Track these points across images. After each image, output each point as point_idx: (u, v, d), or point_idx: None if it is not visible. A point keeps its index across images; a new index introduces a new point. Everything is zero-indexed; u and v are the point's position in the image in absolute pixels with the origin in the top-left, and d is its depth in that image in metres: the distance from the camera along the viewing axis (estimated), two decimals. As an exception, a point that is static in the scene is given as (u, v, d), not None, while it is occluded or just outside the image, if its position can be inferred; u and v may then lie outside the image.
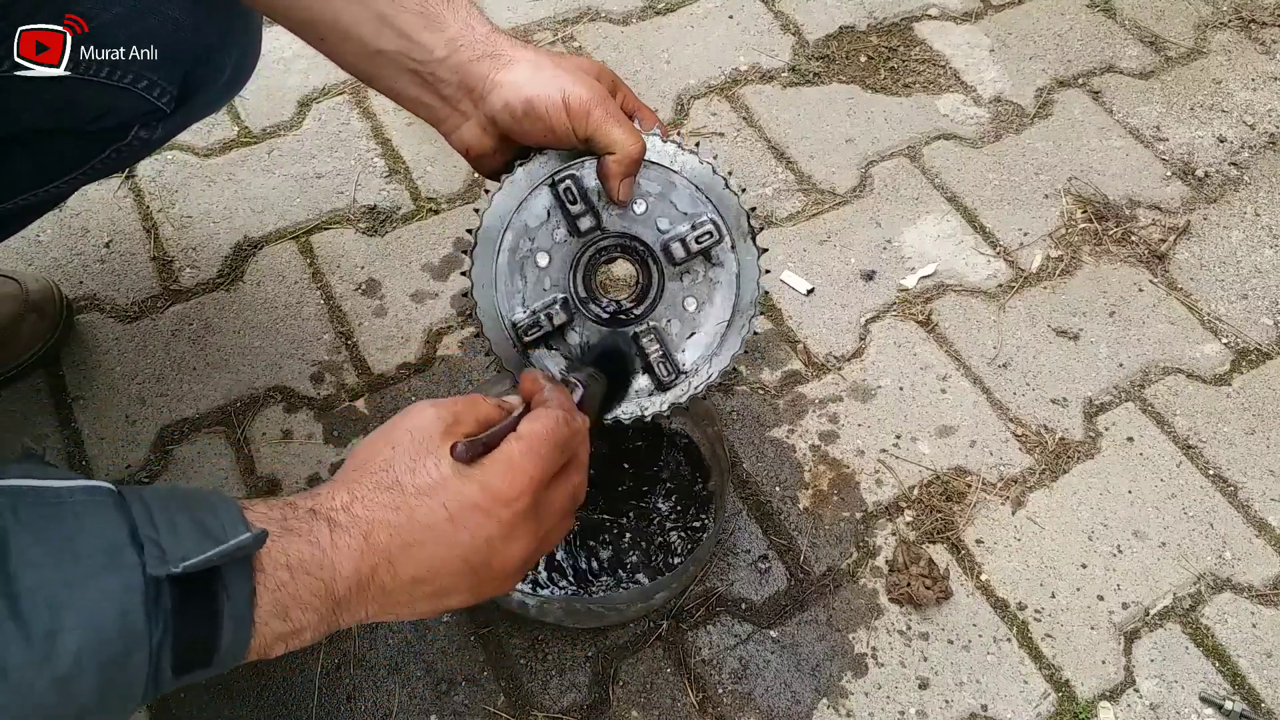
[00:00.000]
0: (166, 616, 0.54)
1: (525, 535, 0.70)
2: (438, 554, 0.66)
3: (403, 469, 0.67)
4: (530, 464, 0.69)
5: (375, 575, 0.64)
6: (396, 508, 0.65)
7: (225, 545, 0.55)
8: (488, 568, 0.68)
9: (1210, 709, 1.09)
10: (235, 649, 0.58)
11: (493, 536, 0.67)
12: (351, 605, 0.64)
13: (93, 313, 1.37)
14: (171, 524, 0.55)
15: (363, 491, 0.65)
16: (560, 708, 1.07)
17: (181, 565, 0.53)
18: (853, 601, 1.15)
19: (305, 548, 0.61)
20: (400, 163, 1.55)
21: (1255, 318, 1.42)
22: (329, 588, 0.62)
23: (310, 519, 0.63)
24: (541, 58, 0.84)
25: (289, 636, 0.61)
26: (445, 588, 0.68)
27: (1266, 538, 1.22)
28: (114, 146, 1.02)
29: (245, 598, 0.57)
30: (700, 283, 0.93)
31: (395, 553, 0.64)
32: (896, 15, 1.78)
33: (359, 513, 0.64)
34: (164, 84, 0.97)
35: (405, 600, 0.67)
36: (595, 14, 1.76)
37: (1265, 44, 1.77)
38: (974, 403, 1.32)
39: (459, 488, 0.66)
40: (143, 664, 0.53)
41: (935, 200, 1.53)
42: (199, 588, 0.55)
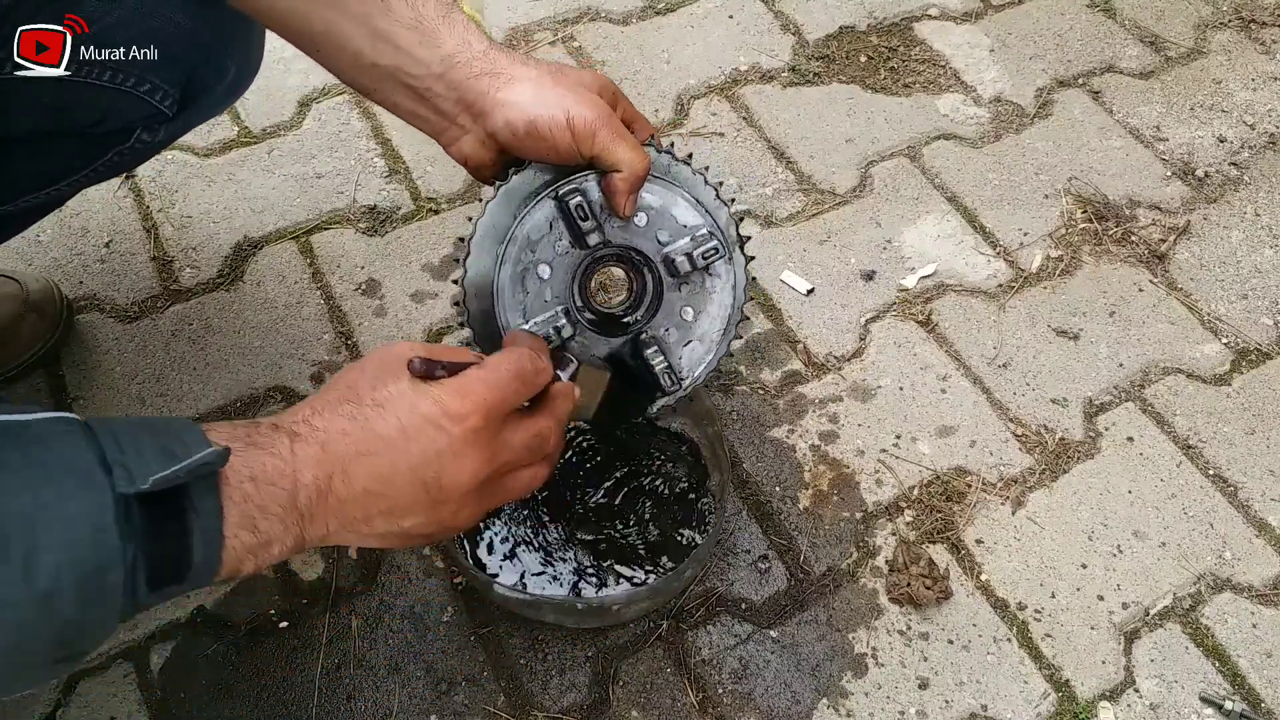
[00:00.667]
0: (138, 533, 0.56)
1: (475, 455, 0.70)
2: (388, 464, 0.68)
3: (364, 386, 0.70)
4: (484, 387, 0.71)
5: (332, 484, 0.66)
6: (353, 417, 0.68)
7: (188, 461, 0.57)
8: (438, 485, 0.70)
9: (1210, 709, 1.09)
10: (207, 563, 0.60)
11: (442, 451, 0.69)
12: (314, 517, 0.66)
13: (93, 313, 1.37)
14: (137, 448, 0.57)
15: (323, 405, 0.68)
16: (560, 708, 1.07)
17: (150, 481, 0.55)
18: (853, 601, 1.15)
19: (268, 459, 0.63)
20: (400, 163, 1.55)
21: (1255, 318, 1.42)
22: (291, 497, 0.64)
23: (272, 433, 0.65)
24: (543, 76, 0.84)
25: (258, 550, 0.63)
26: (399, 505, 0.69)
27: (1266, 538, 1.22)
28: (116, 149, 1.03)
29: (213, 513, 0.59)
30: (698, 293, 0.96)
31: (349, 460, 0.67)
32: (896, 15, 1.78)
33: (318, 424, 0.67)
34: (166, 87, 0.97)
35: (362, 515, 0.69)
36: (595, 14, 1.76)
37: (1265, 44, 1.77)
38: (974, 403, 1.32)
39: (413, 401, 0.69)
40: (119, 579, 0.55)
41: (935, 200, 1.53)
42: (167, 506, 0.57)
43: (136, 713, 1.06)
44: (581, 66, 1.69)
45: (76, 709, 1.06)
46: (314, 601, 1.14)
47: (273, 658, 1.10)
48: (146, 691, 1.07)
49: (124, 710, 1.06)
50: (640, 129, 0.92)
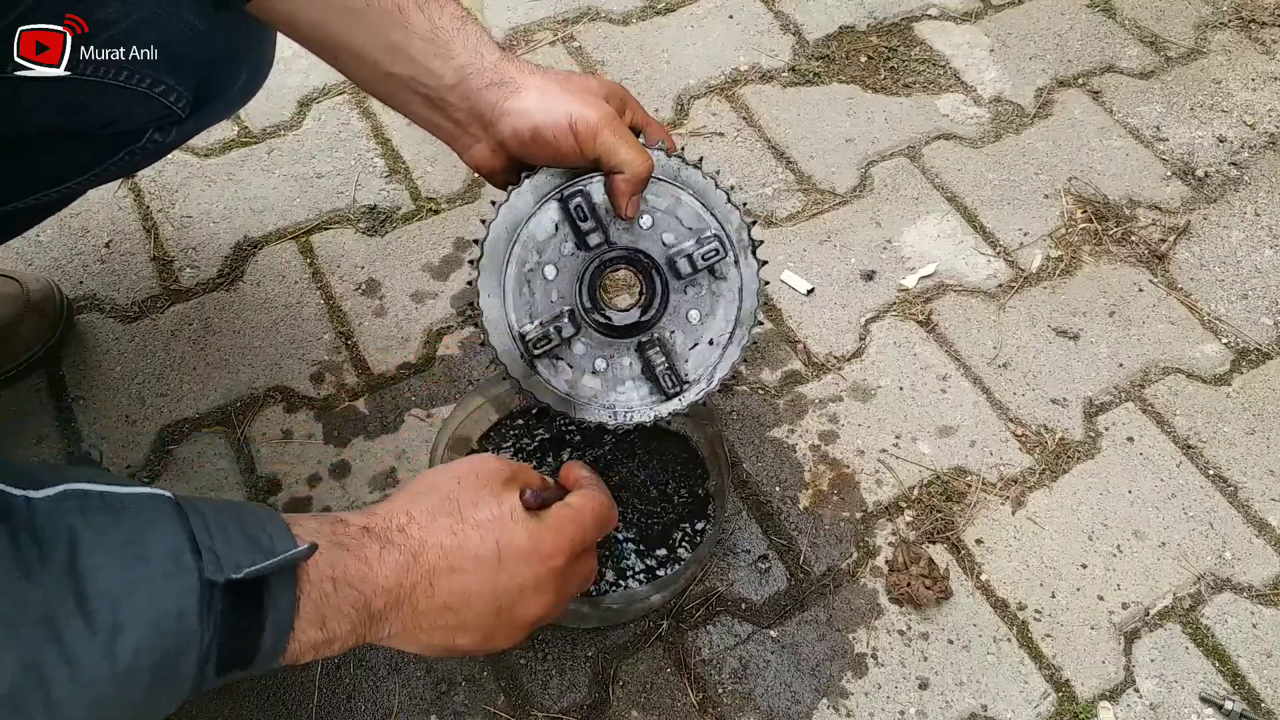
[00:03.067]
0: (217, 620, 0.57)
1: (549, 593, 0.75)
2: (475, 586, 0.70)
3: (466, 500, 0.72)
4: (574, 530, 0.76)
5: (413, 593, 0.67)
6: (454, 532, 0.70)
7: (280, 556, 0.58)
8: (509, 614, 0.73)
9: (1210, 709, 1.09)
10: (273, 653, 0.61)
11: (526, 585, 0.72)
12: (384, 620, 0.67)
13: (93, 313, 1.37)
14: (225, 534, 0.58)
15: (421, 514, 0.70)
16: (560, 708, 1.07)
17: (243, 572, 0.56)
18: (853, 601, 1.15)
19: (352, 563, 0.64)
20: (400, 163, 1.55)
21: (1255, 318, 1.42)
22: (368, 601, 0.65)
23: (362, 536, 0.66)
24: (549, 83, 0.85)
25: (321, 645, 0.64)
26: (467, 623, 0.71)
27: (1266, 538, 1.22)
28: (127, 149, 1.03)
29: (288, 607, 0.60)
30: (704, 295, 0.95)
31: (439, 573, 0.68)
32: (896, 15, 1.78)
33: (414, 533, 0.68)
34: (179, 89, 0.98)
35: (428, 626, 0.70)
36: (595, 14, 1.76)
37: (1265, 44, 1.77)
38: (974, 403, 1.32)
39: (514, 529, 0.72)
40: (192, 663, 0.56)
41: (935, 200, 1.53)
42: (247, 595, 0.58)
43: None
44: (582, 67, 1.69)
45: (76, 709, 1.06)
46: (314, 601, 1.14)
47: (273, 658, 1.10)
48: (146, 691, 1.07)
49: (124, 710, 1.06)
50: (652, 134, 0.93)
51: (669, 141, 0.93)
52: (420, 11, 0.83)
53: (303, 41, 0.88)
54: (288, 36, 0.89)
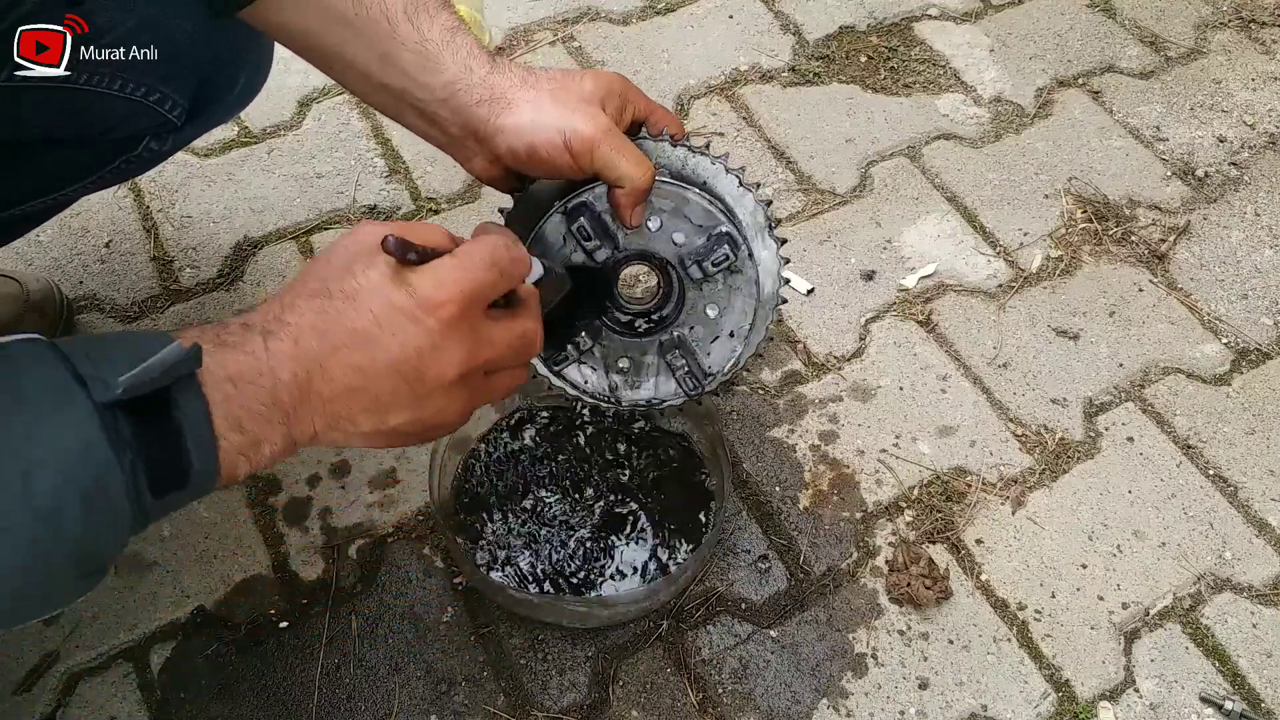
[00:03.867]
0: (129, 441, 0.56)
1: (455, 348, 0.68)
2: (366, 359, 0.66)
3: (333, 276, 0.67)
4: (459, 275, 0.67)
5: (312, 382, 0.65)
6: (323, 311, 0.66)
7: (155, 358, 0.57)
8: (419, 379, 0.67)
9: (1210, 709, 1.09)
10: (205, 467, 0.60)
11: (421, 345, 0.67)
12: (299, 415, 0.65)
13: (93, 313, 1.37)
14: (109, 359, 0.57)
15: (292, 300, 0.66)
16: (560, 708, 1.07)
17: (121, 385, 0.55)
18: (853, 601, 1.15)
19: (243, 358, 0.62)
20: (400, 163, 1.55)
21: (1255, 318, 1.42)
22: (273, 395, 0.63)
23: (244, 332, 0.64)
24: (541, 97, 0.83)
25: (249, 450, 0.62)
26: (382, 400, 0.67)
27: (1266, 538, 1.22)
28: (124, 156, 1.03)
29: (200, 415, 0.59)
30: (720, 290, 0.93)
31: (325, 356, 0.65)
32: (896, 15, 1.78)
33: (290, 319, 0.65)
34: (176, 97, 0.98)
35: (346, 412, 0.67)
36: (595, 14, 1.76)
37: (1265, 44, 1.77)
38: (974, 403, 1.32)
39: (385, 292, 0.66)
40: (120, 488, 0.56)
41: (935, 200, 1.53)
42: (154, 412, 0.57)
43: (136, 713, 1.06)
44: (582, 67, 1.68)
45: (76, 709, 1.06)
46: (314, 601, 1.14)
47: (273, 658, 1.10)
48: (146, 691, 1.07)
49: (124, 710, 1.06)
50: (656, 122, 0.90)
51: (676, 128, 0.90)
52: (409, 23, 0.82)
53: (297, 50, 0.87)
54: (281, 43, 0.89)
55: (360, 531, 1.19)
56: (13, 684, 1.07)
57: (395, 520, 1.20)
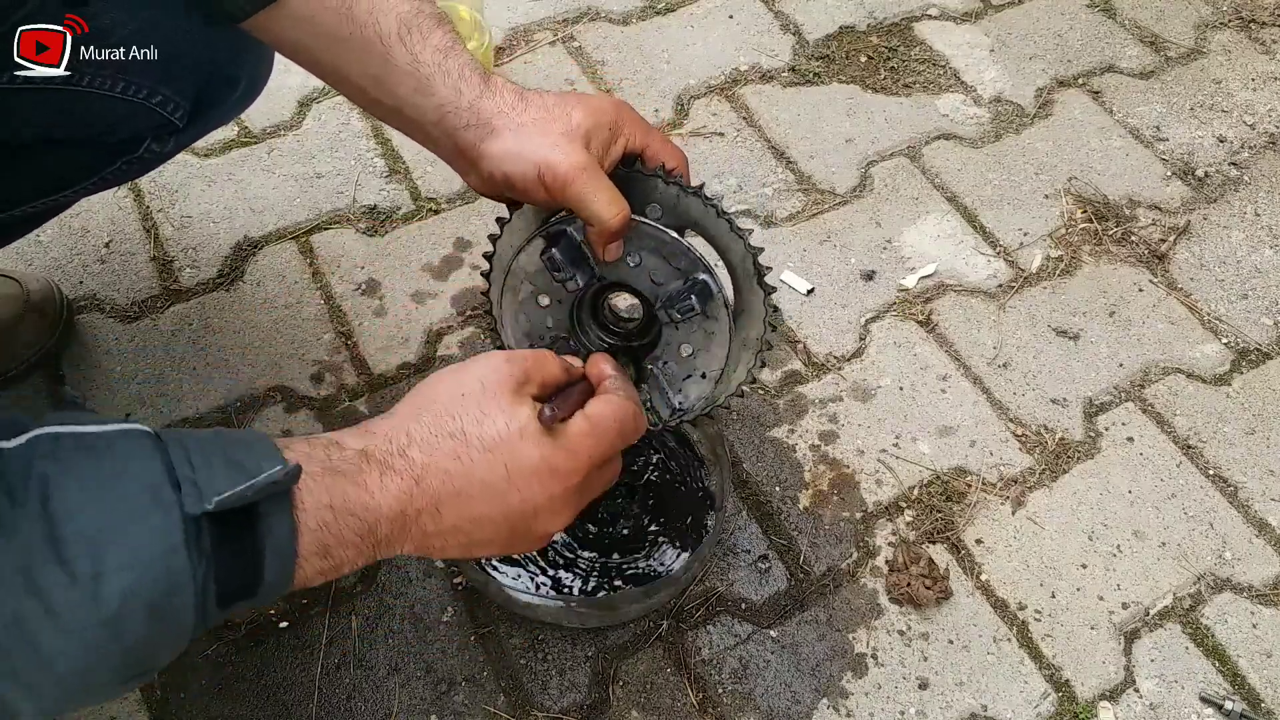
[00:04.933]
0: (208, 554, 0.55)
1: (568, 510, 0.71)
2: (485, 510, 0.67)
3: (470, 419, 0.67)
4: (593, 446, 0.70)
5: (419, 519, 0.65)
6: (457, 456, 0.66)
7: (256, 479, 0.56)
8: (527, 532, 0.70)
9: (1210, 709, 1.09)
10: (279, 582, 0.59)
11: (541, 506, 0.69)
12: (391, 544, 0.65)
13: (93, 313, 1.37)
14: (208, 463, 0.56)
15: (423, 434, 0.66)
16: (560, 708, 1.07)
17: (214, 501, 0.54)
18: (853, 601, 1.15)
19: (351, 490, 0.62)
20: (400, 163, 1.55)
21: (1255, 318, 1.42)
22: (371, 528, 0.63)
23: (360, 461, 0.63)
24: (525, 126, 0.81)
25: (328, 572, 0.62)
26: (482, 540, 0.69)
27: (1266, 538, 1.22)
28: (124, 158, 1.03)
29: (286, 534, 0.58)
30: (696, 331, 0.90)
31: (444, 499, 0.65)
32: (896, 15, 1.78)
33: (415, 457, 0.65)
34: (177, 99, 0.98)
35: (439, 544, 0.68)
36: (595, 14, 1.76)
37: (1265, 44, 1.77)
38: (974, 403, 1.32)
39: (524, 451, 0.67)
40: (188, 600, 0.54)
41: (935, 200, 1.53)
42: (239, 526, 0.56)
43: (136, 712, 1.06)
44: (582, 67, 1.68)
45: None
46: (314, 601, 1.14)
47: (273, 658, 1.10)
48: (146, 691, 1.07)
49: (124, 710, 1.06)
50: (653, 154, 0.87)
51: (674, 159, 0.87)
52: (402, 44, 0.81)
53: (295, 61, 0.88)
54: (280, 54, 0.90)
55: (360, 531, 1.19)
56: (13, 684, 1.07)
57: (395, 520, 1.20)
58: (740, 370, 0.93)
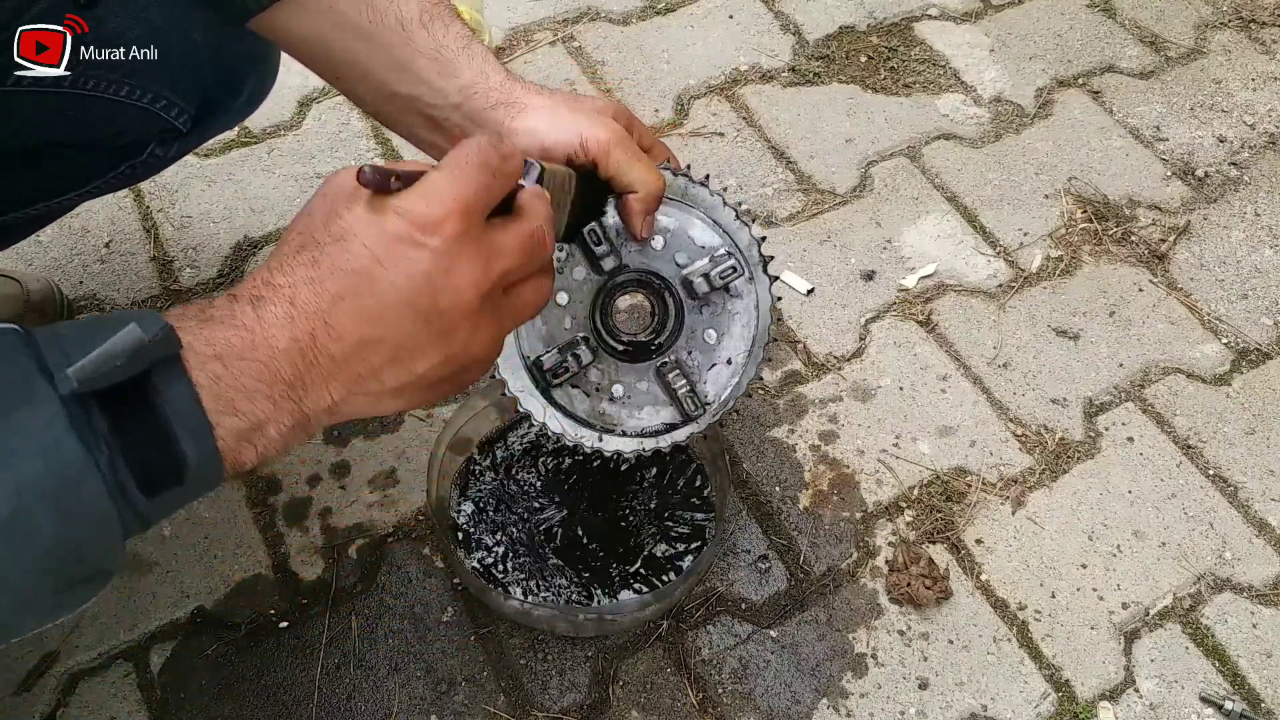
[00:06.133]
0: (105, 435, 0.51)
1: (468, 265, 0.61)
2: (374, 302, 0.59)
3: (317, 225, 0.60)
4: (451, 185, 0.60)
5: (316, 341, 0.58)
6: (315, 262, 0.59)
7: (111, 340, 0.51)
8: (437, 311, 0.60)
9: (1210, 709, 1.09)
10: (205, 458, 0.55)
11: (430, 270, 0.59)
12: (309, 385, 0.58)
13: (93, 313, 1.37)
14: (84, 348, 0.51)
15: (280, 260, 0.60)
16: (560, 708, 1.07)
17: (71, 375, 0.50)
18: (853, 601, 1.15)
19: (230, 333, 0.56)
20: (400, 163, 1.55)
21: (1255, 318, 1.42)
22: (270, 369, 0.57)
23: (230, 304, 0.58)
24: (557, 103, 0.83)
25: (251, 434, 0.57)
26: (404, 345, 0.60)
27: (1266, 538, 1.22)
28: (128, 163, 1.03)
29: (187, 400, 0.53)
30: (720, 315, 0.93)
31: (326, 308, 0.58)
32: (896, 15, 1.78)
33: (279, 280, 0.58)
34: (181, 103, 0.98)
35: (366, 370, 0.60)
36: (595, 14, 1.76)
37: (1265, 44, 1.77)
38: (974, 403, 1.32)
39: (376, 222, 0.59)
40: (99, 489, 0.51)
41: (935, 200, 1.53)
42: (133, 400, 0.52)
43: (136, 712, 1.06)
44: (582, 67, 1.69)
45: (76, 709, 1.06)
46: (314, 601, 1.14)
47: (273, 658, 1.10)
48: (146, 691, 1.07)
49: (124, 710, 1.06)
50: (657, 153, 0.91)
51: (674, 161, 0.92)
52: (425, 30, 0.82)
53: (305, 60, 0.87)
54: (289, 53, 0.89)
55: (360, 531, 1.19)
56: (13, 684, 1.07)
57: (395, 520, 1.20)
58: (751, 367, 0.95)
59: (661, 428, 0.96)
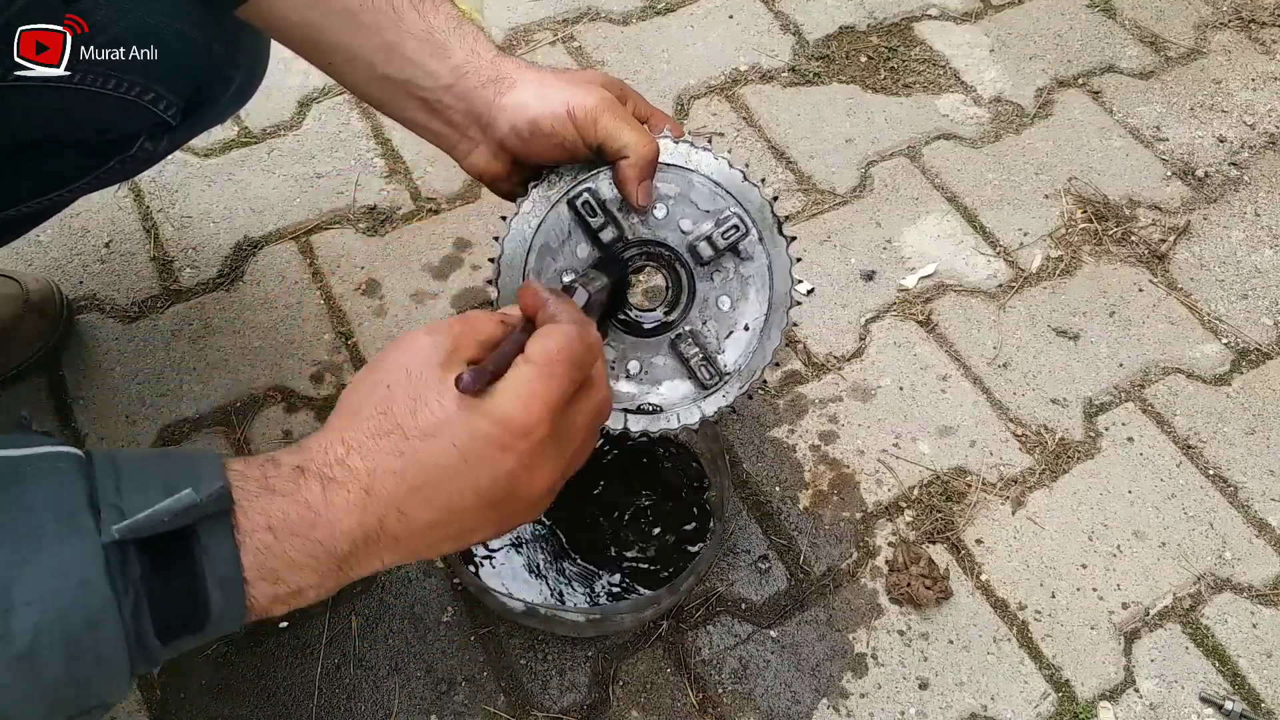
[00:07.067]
0: (135, 582, 0.51)
1: (548, 463, 0.64)
2: (452, 495, 0.61)
3: (402, 411, 0.60)
4: (544, 387, 0.62)
5: (384, 527, 0.60)
6: (400, 453, 0.60)
7: (165, 504, 0.51)
8: (511, 502, 0.63)
9: (1210, 709, 1.09)
10: (230, 612, 0.55)
11: (513, 471, 0.62)
12: (359, 559, 0.60)
13: (93, 313, 1.37)
14: (139, 487, 0.52)
15: (358, 439, 0.60)
16: (560, 708, 1.07)
17: (116, 531, 0.50)
18: (853, 601, 1.15)
19: (291, 508, 0.57)
20: (400, 163, 1.55)
21: (1255, 318, 1.42)
22: (326, 548, 0.58)
23: (297, 477, 0.58)
24: (546, 76, 0.83)
25: (288, 598, 0.58)
26: (468, 527, 0.63)
27: (1266, 538, 1.22)
28: (119, 157, 1.02)
29: (229, 559, 0.54)
30: (732, 279, 0.90)
31: (403, 499, 0.60)
32: (896, 15, 1.78)
33: (356, 464, 0.59)
34: (170, 97, 0.97)
35: (424, 544, 0.63)
36: (595, 14, 1.76)
37: (1265, 44, 1.77)
38: (974, 403, 1.32)
39: (469, 423, 0.60)
40: (115, 633, 0.51)
41: (935, 200, 1.53)
42: (176, 553, 0.52)
43: (137, 712, 1.06)
44: (582, 67, 1.68)
45: (76, 709, 1.06)
46: (314, 601, 1.14)
47: (273, 658, 1.10)
48: (146, 691, 1.07)
49: (124, 710, 1.06)
50: (657, 122, 0.90)
51: (675, 129, 0.90)
52: (415, 11, 0.83)
53: (295, 46, 0.87)
54: (279, 41, 0.89)
55: (360, 531, 1.19)
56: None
57: (395, 520, 1.20)
58: (774, 332, 0.91)
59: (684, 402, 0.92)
